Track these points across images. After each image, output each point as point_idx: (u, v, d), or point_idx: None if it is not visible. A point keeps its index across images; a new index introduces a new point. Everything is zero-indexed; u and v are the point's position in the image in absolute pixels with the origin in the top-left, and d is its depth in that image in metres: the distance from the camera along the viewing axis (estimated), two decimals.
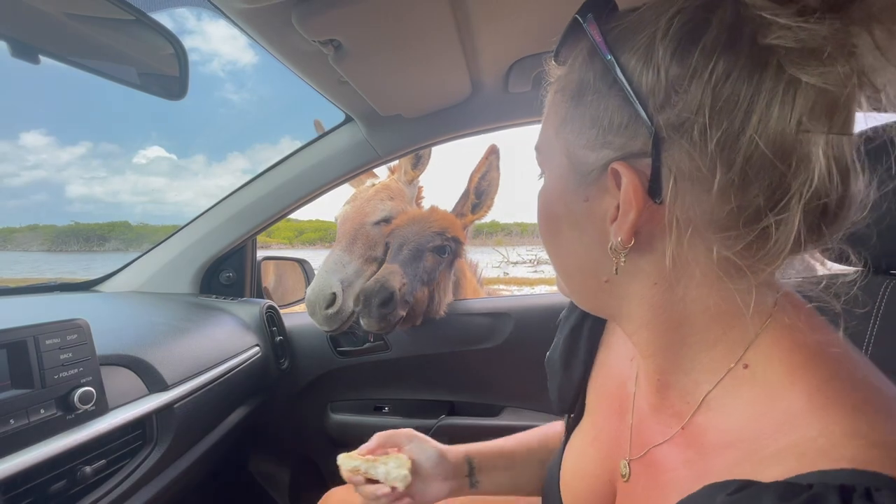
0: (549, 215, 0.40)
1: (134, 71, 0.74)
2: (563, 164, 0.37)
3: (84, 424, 0.59)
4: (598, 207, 0.35)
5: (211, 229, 1.20)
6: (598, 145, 0.34)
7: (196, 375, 0.83)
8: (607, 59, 0.33)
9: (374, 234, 1.26)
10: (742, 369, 0.33)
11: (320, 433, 1.31)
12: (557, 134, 0.37)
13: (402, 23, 0.66)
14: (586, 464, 0.51)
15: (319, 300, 1.15)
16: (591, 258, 0.38)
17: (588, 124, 0.34)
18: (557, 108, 0.38)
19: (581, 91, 0.35)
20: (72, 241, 76.24)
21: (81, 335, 0.60)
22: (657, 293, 0.35)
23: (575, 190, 0.36)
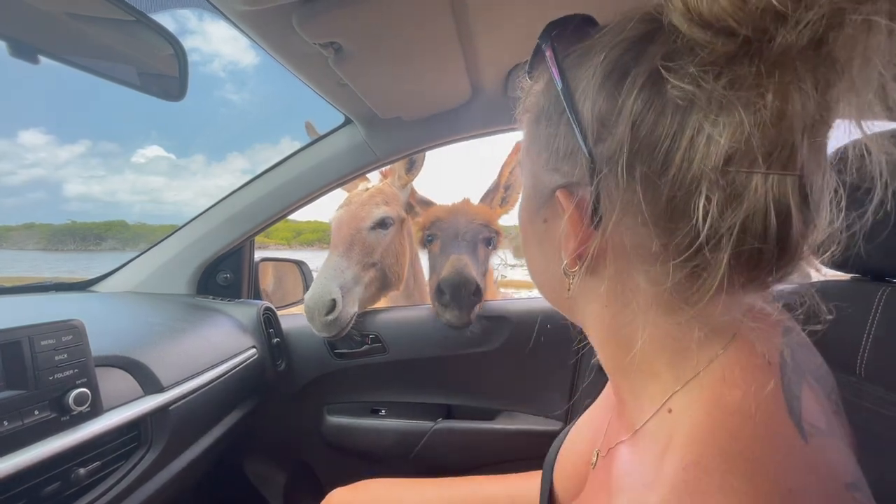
0: (522, 228, 0.42)
1: (133, 71, 0.74)
2: (529, 183, 0.38)
3: (78, 426, 0.59)
4: (554, 229, 0.36)
5: (209, 230, 1.20)
6: (551, 170, 0.35)
7: (192, 377, 0.82)
8: (560, 88, 0.33)
9: (370, 240, 1.25)
10: (666, 413, 0.32)
11: (316, 436, 1.30)
12: (526, 151, 0.39)
13: (403, 26, 0.66)
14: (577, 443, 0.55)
15: (319, 306, 1.13)
16: (554, 275, 0.38)
17: (544, 148, 0.35)
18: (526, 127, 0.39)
19: (539, 115, 0.36)
20: (68, 240, 75.97)
21: (77, 336, 0.60)
22: (608, 315, 0.36)
23: (536, 210, 0.38)
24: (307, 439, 1.32)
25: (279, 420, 1.31)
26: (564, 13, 0.76)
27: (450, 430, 1.22)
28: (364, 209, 1.26)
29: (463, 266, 1.11)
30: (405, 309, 1.50)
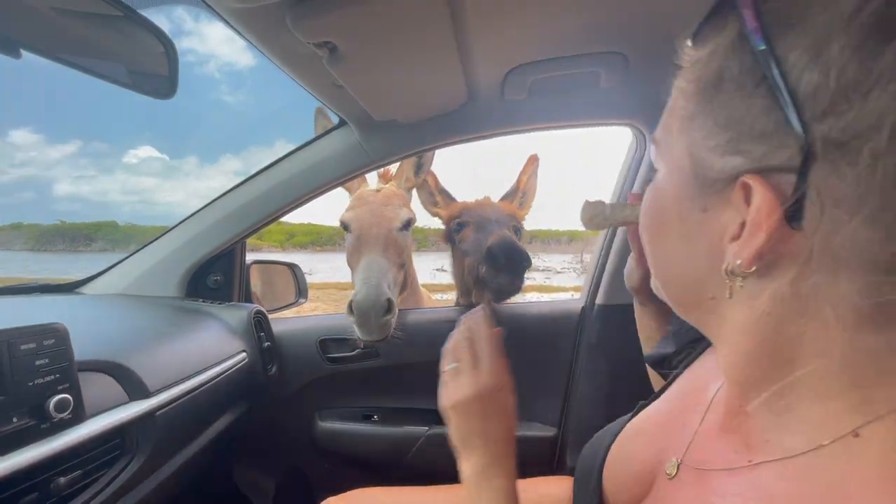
0: (657, 216, 0.36)
1: (123, 69, 0.72)
2: (684, 164, 0.33)
3: (59, 433, 0.56)
4: (716, 221, 0.31)
5: (199, 231, 1.18)
6: (730, 151, 0.29)
7: (180, 382, 0.80)
8: (760, 50, 0.27)
9: (400, 240, 1.24)
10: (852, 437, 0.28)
11: (308, 442, 1.28)
12: (682, 129, 0.33)
13: (399, 27, 0.65)
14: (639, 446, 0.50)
15: (377, 308, 1.08)
16: (697, 274, 0.34)
17: (721, 125, 0.30)
18: (686, 100, 0.33)
19: (718, 85, 0.30)
20: (57, 240, 74.95)
21: (59, 340, 0.58)
22: (766, 326, 0.31)
23: (692, 196, 0.32)
24: (298, 445, 1.30)
25: (270, 426, 1.29)
26: (561, 18, 0.76)
27: (443, 436, 1.20)
28: (390, 209, 1.26)
29: (509, 236, 1.13)
30: (399, 313, 1.49)
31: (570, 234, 32.64)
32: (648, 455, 0.47)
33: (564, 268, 18.92)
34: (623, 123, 1.08)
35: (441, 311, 1.33)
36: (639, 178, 1.12)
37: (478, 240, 1.20)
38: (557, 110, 1.05)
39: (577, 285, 1.75)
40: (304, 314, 1.83)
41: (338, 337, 1.27)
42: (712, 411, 0.42)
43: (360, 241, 1.21)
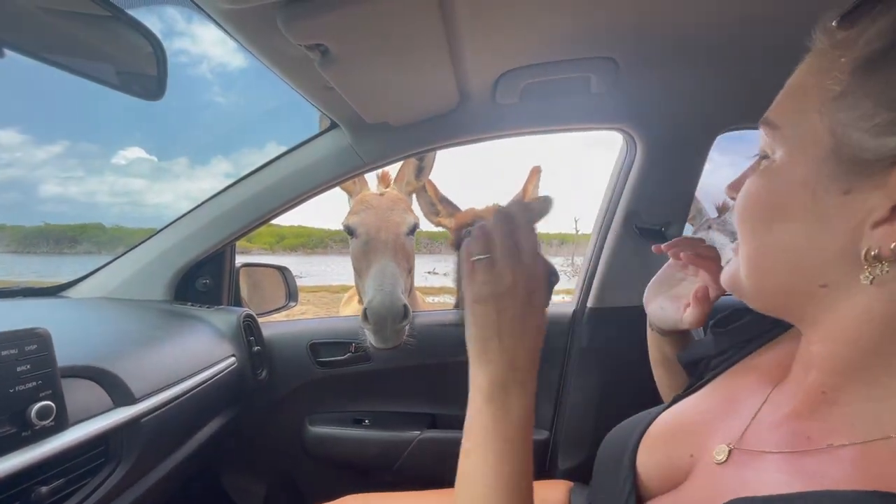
0: (772, 201, 0.35)
1: (110, 69, 0.71)
2: (825, 145, 0.32)
3: (41, 441, 0.55)
4: (860, 203, 0.30)
5: (187, 234, 1.16)
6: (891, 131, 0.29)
7: (167, 387, 0.79)
8: None
9: (408, 246, 1.25)
10: None
11: (298, 447, 1.27)
12: (823, 109, 0.32)
13: (390, 31, 0.65)
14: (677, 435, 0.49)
15: (393, 314, 1.07)
16: (818, 258, 0.33)
17: (881, 103, 0.29)
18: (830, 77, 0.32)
19: (881, 61, 0.29)
20: (41, 242, 73.48)
21: (41, 345, 0.57)
22: (889, 308, 0.31)
23: (832, 178, 0.31)
24: (288, 450, 1.29)
25: (259, 431, 1.27)
26: (554, 22, 0.76)
27: (434, 441, 1.20)
28: (397, 214, 1.25)
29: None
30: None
31: (560, 237, 32.82)
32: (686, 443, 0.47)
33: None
34: (613, 128, 1.09)
35: (434, 315, 1.33)
36: (630, 182, 1.13)
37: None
38: (549, 114, 1.05)
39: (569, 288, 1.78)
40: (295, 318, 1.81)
41: (328, 341, 1.26)
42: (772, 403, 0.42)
43: (368, 246, 1.20)
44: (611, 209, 1.17)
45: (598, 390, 1.19)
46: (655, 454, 0.50)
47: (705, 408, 0.50)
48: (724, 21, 0.75)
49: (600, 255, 1.20)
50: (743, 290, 0.39)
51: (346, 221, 1.27)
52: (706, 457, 0.43)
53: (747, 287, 0.39)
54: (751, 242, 0.37)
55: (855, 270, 0.31)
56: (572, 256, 17.50)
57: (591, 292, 1.22)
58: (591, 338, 1.20)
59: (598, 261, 1.21)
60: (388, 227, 1.22)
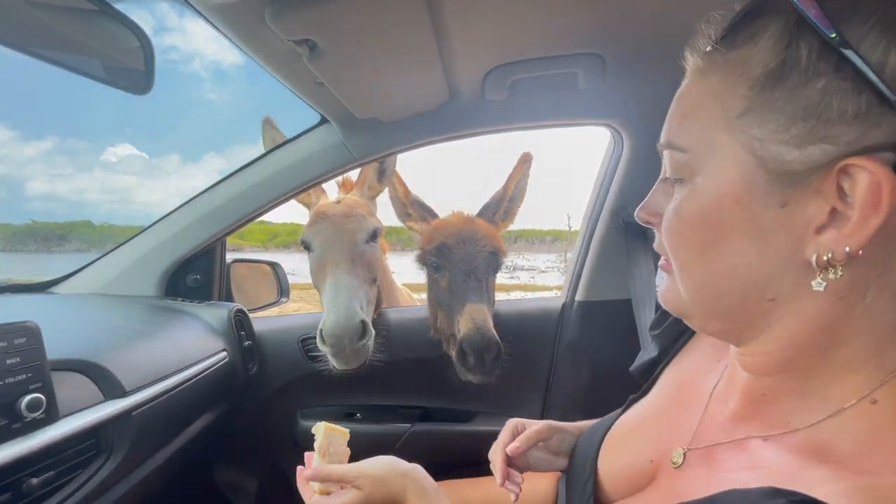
0: (708, 224, 0.34)
1: (98, 63, 0.71)
2: (745, 162, 0.32)
3: (31, 434, 0.55)
4: (800, 213, 0.30)
5: (178, 230, 1.16)
6: (811, 140, 0.29)
7: (157, 381, 0.79)
8: (831, 37, 0.27)
9: (368, 254, 1.16)
10: (869, 404, 0.31)
11: (289, 441, 1.27)
12: (731, 128, 0.32)
13: (379, 25, 0.66)
14: (636, 440, 0.51)
15: (349, 332, 0.98)
16: (764, 273, 0.33)
17: (793, 115, 0.29)
18: (731, 96, 0.32)
19: (781, 76, 0.30)
20: (29, 240, 72.37)
21: (31, 338, 0.57)
22: (836, 309, 0.31)
23: (766, 193, 0.31)
24: (280, 444, 1.29)
25: (251, 425, 1.28)
26: (540, 18, 0.77)
27: (426, 433, 1.21)
28: (353, 221, 1.16)
29: (483, 322, 1.02)
30: (381, 311, 1.48)
31: (553, 233, 32.94)
32: (645, 447, 0.49)
33: (549, 267, 19.10)
34: (601, 124, 1.10)
35: (423, 309, 1.34)
36: (617, 178, 1.14)
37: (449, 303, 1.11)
38: (537, 110, 1.06)
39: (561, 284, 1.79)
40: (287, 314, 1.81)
41: None
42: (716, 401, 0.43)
43: (323, 259, 1.11)
44: (598, 204, 1.19)
45: (587, 381, 1.22)
46: (616, 459, 0.52)
47: (656, 409, 0.52)
48: None
49: (588, 249, 1.22)
50: (690, 316, 0.39)
51: (301, 236, 1.19)
52: (665, 461, 0.45)
53: (696, 313, 0.38)
54: (696, 269, 0.36)
55: (803, 278, 0.31)
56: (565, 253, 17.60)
57: (580, 286, 1.23)
58: (579, 330, 1.22)
59: (586, 255, 1.23)
60: (342, 238, 1.13)
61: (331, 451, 0.68)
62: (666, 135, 0.38)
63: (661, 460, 0.46)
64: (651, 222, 0.42)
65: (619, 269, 1.16)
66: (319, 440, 0.68)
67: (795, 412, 0.35)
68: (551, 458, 0.64)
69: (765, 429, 0.36)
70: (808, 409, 0.34)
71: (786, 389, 0.35)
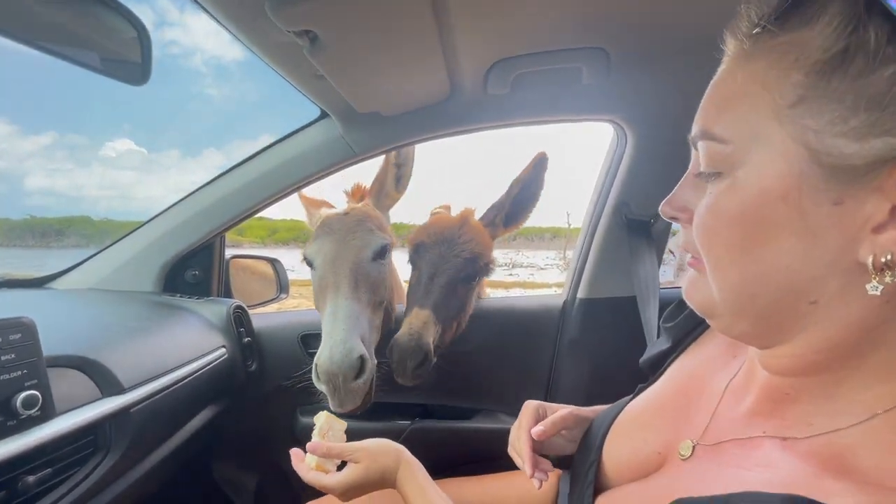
0: (749, 221, 0.32)
1: (94, 54, 0.70)
2: (797, 156, 0.30)
3: (27, 431, 0.55)
4: (856, 212, 0.28)
5: (176, 225, 1.15)
6: (875, 132, 0.27)
7: (156, 378, 0.78)
8: None
9: (374, 274, 1.02)
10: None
11: (289, 438, 1.27)
12: (781, 117, 0.30)
13: (381, 17, 0.65)
14: (642, 428, 0.51)
15: (345, 369, 0.87)
16: (808, 275, 0.31)
17: (852, 106, 0.27)
18: (782, 84, 0.30)
19: (843, 62, 0.27)
20: (27, 235, 72.24)
21: (26, 334, 0.56)
22: (881, 313, 0.30)
23: (819, 189, 0.29)
24: (279, 441, 1.29)
25: (250, 422, 1.27)
26: (544, 12, 0.76)
27: (426, 430, 1.21)
28: (358, 237, 1.03)
29: (418, 328, 0.99)
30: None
31: (553, 230, 32.93)
32: (652, 437, 0.48)
33: (548, 264, 19.12)
34: (604, 119, 1.09)
35: None
36: (620, 174, 1.13)
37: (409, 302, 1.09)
38: (540, 105, 1.05)
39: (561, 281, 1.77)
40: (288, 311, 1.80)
41: (320, 332, 1.25)
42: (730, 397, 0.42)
43: (324, 281, 0.99)
44: (601, 201, 1.18)
45: (588, 378, 1.21)
46: (622, 447, 0.52)
47: (665, 400, 0.52)
48: (713, 13, 0.75)
49: (590, 246, 1.21)
50: (719, 316, 0.37)
51: (304, 252, 1.08)
52: (672, 452, 0.44)
53: (725, 313, 0.36)
54: (732, 269, 0.34)
55: (852, 281, 0.30)
56: (564, 250, 17.60)
57: (582, 283, 1.23)
58: (581, 327, 1.21)
59: (588, 252, 1.22)
60: (345, 256, 1.00)
61: (330, 434, 0.73)
62: (701, 124, 0.35)
63: (669, 451, 0.45)
64: (678, 218, 0.39)
65: (621, 266, 1.15)
66: (321, 424, 0.73)
67: (820, 415, 0.33)
68: (565, 443, 0.65)
69: (783, 428, 0.35)
70: (834, 412, 0.32)
71: (812, 391, 0.34)
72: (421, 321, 1.01)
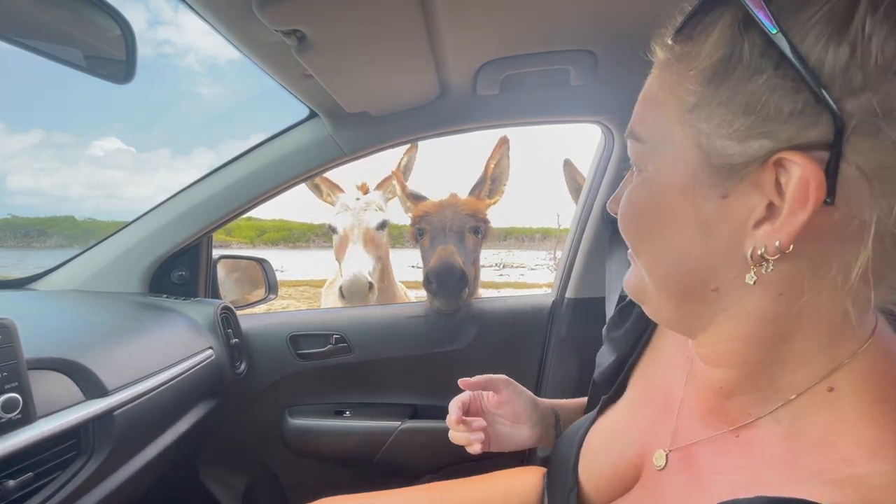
0: (653, 213, 0.36)
1: (78, 52, 0.69)
2: (692, 155, 0.32)
3: (7, 434, 0.54)
4: (739, 206, 0.31)
5: (162, 225, 1.14)
6: (752, 135, 0.29)
7: (141, 380, 0.77)
8: (773, 33, 0.27)
9: (377, 238, 1.64)
10: (826, 392, 0.31)
11: (278, 439, 1.26)
12: (682, 121, 0.32)
13: (369, 16, 0.65)
14: (615, 443, 0.51)
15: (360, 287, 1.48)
16: (707, 263, 0.34)
17: (736, 110, 0.29)
18: (682, 90, 0.32)
19: (726, 71, 0.30)
20: (8, 235, 70.50)
21: (6, 336, 0.55)
22: (777, 305, 0.32)
23: (709, 185, 0.32)
24: (268, 443, 1.28)
25: (238, 424, 1.26)
26: (532, 13, 0.76)
27: (416, 431, 1.21)
28: (367, 214, 1.68)
29: (449, 255, 1.18)
30: (371, 308, 1.48)
31: (543, 231, 33.11)
32: (626, 451, 0.48)
33: (538, 264, 19.21)
34: (592, 121, 1.10)
35: (414, 306, 1.33)
36: (607, 176, 1.15)
37: (429, 254, 1.26)
38: (529, 106, 1.06)
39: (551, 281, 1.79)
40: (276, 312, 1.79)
41: (308, 333, 1.25)
42: (689, 399, 0.43)
43: (345, 238, 1.61)
44: (588, 202, 1.19)
45: (577, 377, 1.22)
46: (598, 462, 0.52)
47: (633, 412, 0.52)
48: None
49: (578, 246, 1.22)
50: (648, 301, 0.40)
51: (330, 222, 1.71)
52: (648, 464, 0.45)
53: (652, 298, 0.39)
54: (642, 253, 0.38)
55: (742, 272, 0.32)
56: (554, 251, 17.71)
57: (570, 283, 1.24)
58: (569, 327, 1.22)
59: (576, 252, 1.23)
60: (360, 224, 1.65)
61: None
62: (629, 124, 0.38)
63: (644, 463, 0.46)
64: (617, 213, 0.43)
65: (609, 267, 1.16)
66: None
67: (755, 403, 0.35)
68: (511, 428, 0.66)
69: (731, 422, 0.37)
70: (765, 400, 0.34)
71: (739, 382, 0.36)
72: (449, 251, 1.20)
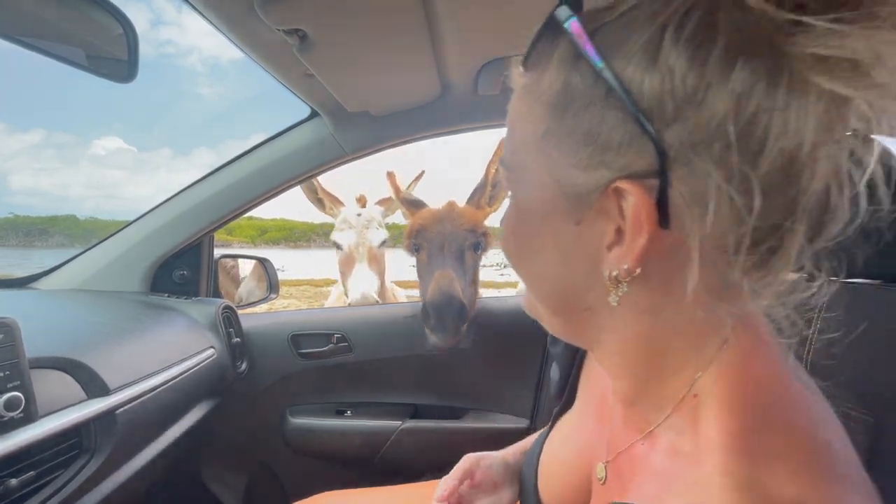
0: (523, 237, 0.37)
1: (80, 51, 0.69)
2: (547, 183, 0.33)
3: (9, 433, 0.54)
4: (591, 232, 0.32)
5: (164, 224, 1.14)
6: (593, 164, 0.30)
7: (142, 379, 0.77)
8: (598, 67, 0.28)
9: (379, 255, 1.72)
10: (692, 398, 0.32)
11: (279, 439, 1.26)
12: (538, 149, 0.33)
13: (371, 16, 0.65)
14: (566, 455, 0.51)
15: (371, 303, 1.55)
16: (572, 286, 0.35)
17: (578, 141, 0.30)
18: (534, 119, 0.33)
19: (566, 102, 0.30)
20: (9, 235, 70.68)
21: (8, 335, 0.55)
22: (642, 322, 0.33)
23: (564, 211, 0.32)
24: (269, 442, 1.28)
25: (239, 423, 1.26)
26: (534, 12, 0.76)
27: (416, 430, 1.21)
28: (370, 232, 1.74)
29: (447, 285, 1.08)
30: (373, 308, 1.48)
31: None
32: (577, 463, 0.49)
33: None
34: None
35: (416, 306, 1.33)
36: None
37: (426, 276, 1.17)
38: None
39: None
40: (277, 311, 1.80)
41: (310, 332, 1.25)
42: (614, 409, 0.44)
43: (350, 257, 1.69)
44: None
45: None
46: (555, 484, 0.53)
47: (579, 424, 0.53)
48: None
49: None
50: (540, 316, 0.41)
51: (332, 237, 1.75)
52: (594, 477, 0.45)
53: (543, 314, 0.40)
54: (521, 274, 0.39)
55: (606, 293, 0.33)
56: None
57: None
58: None
59: None
60: (362, 243, 1.71)
61: None
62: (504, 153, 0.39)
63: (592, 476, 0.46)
64: None
65: None
66: None
67: (651, 411, 0.36)
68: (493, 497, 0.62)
69: (639, 430, 0.37)
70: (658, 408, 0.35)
71: (635, 391, 0.37)
72: (447, 279, 1.10)
